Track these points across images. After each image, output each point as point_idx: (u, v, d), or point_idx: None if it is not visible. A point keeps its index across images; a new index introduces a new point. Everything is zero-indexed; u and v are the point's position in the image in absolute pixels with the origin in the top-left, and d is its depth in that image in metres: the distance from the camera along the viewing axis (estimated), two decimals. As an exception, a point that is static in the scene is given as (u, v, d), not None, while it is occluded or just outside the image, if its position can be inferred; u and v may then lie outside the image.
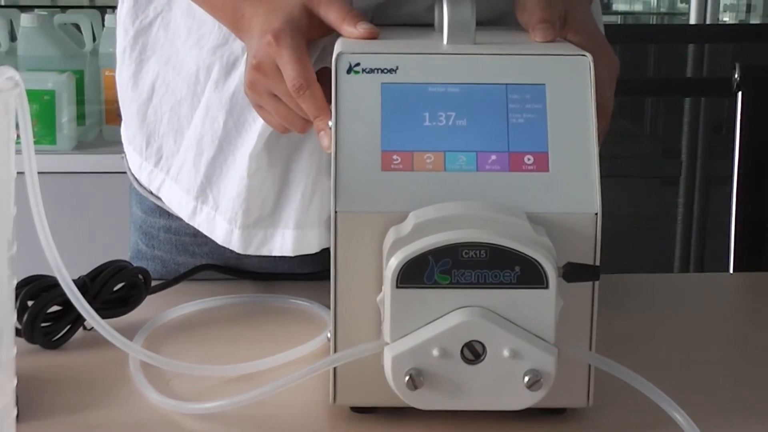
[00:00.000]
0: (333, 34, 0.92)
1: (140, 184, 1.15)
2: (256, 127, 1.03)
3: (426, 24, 0.98)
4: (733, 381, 0.94)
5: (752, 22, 3.45)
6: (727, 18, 3.38)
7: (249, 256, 1.12)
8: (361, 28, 0.89)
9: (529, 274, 0.76)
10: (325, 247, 1.06)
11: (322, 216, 1.06)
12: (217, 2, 0.99)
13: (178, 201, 1.10)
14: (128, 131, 1.15)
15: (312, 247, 1.07)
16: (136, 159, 1.14)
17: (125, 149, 1.16)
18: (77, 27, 2.71)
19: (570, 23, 0.94)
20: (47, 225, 0.78)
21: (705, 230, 2.92)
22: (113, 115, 2.52)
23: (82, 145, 2.55)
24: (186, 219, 1.10)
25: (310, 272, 1.14)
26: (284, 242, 1.07)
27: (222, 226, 1.08)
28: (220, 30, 1.05)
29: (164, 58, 1.10)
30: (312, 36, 0.93)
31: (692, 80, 2.92)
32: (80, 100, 2.58)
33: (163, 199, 1.13)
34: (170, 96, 1.10)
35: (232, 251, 1.12)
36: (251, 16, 0.94)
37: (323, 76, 0.88)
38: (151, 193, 1.14)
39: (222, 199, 1.07)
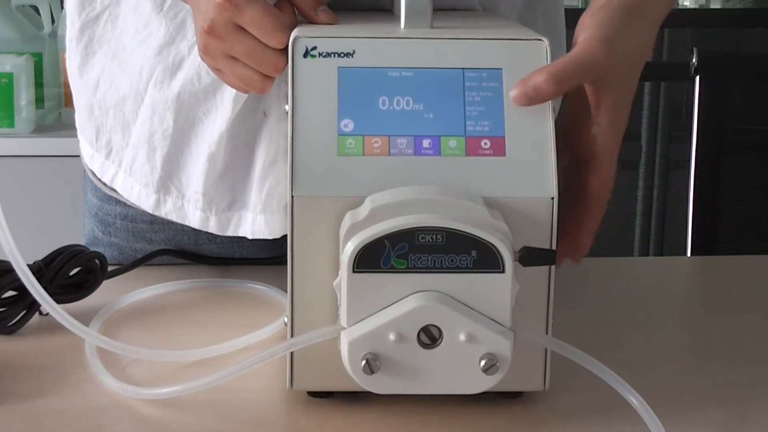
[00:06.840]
0: None
1: (94, 174, 1.14)
2: (212, 120, 1.01)
3: (385, 9, 0.97)
4: (688, 364, 0.94)
5: (712, 6, 3.47)
6: (687, 2, 3.40)
7: (206, 242, 1.11)
8: (323, 14, 0.88)
9: (486, 259, 0.76)
10: (285, 234, 1.05)
11: (281, 202, 1.05)
12: None
13: (137, 194, 1.09)
14: (80, 121, 1.14)
15: (268, 232, 1.05)
16: (87, 149, 1.13)
17: (79, 137, 1.15)
18: (35, 9, 2.68)
19: None
20: (1, 208, 0.77)
21: (664, 214, 2.93)
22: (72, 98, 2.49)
23: (40, 128, 2.53)
24: (150, 211, 1.08)
25: (268, 257, 1.14)
26: (254, 225, 1.05)
27: (195, 213, 1.06)
28: (167, 29, 1.03)
29: (110, 53, 1.08)
30: None
31: (652, 64, 2.93)
32: (39, 83, 2.56)
33: (118, 190, 1.11)
34: (114, 92, 1.08)
35: (189, 238, 1.12)
36: None
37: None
38: (105, 184, 1.13)
39: (187, 189, 1.06)
